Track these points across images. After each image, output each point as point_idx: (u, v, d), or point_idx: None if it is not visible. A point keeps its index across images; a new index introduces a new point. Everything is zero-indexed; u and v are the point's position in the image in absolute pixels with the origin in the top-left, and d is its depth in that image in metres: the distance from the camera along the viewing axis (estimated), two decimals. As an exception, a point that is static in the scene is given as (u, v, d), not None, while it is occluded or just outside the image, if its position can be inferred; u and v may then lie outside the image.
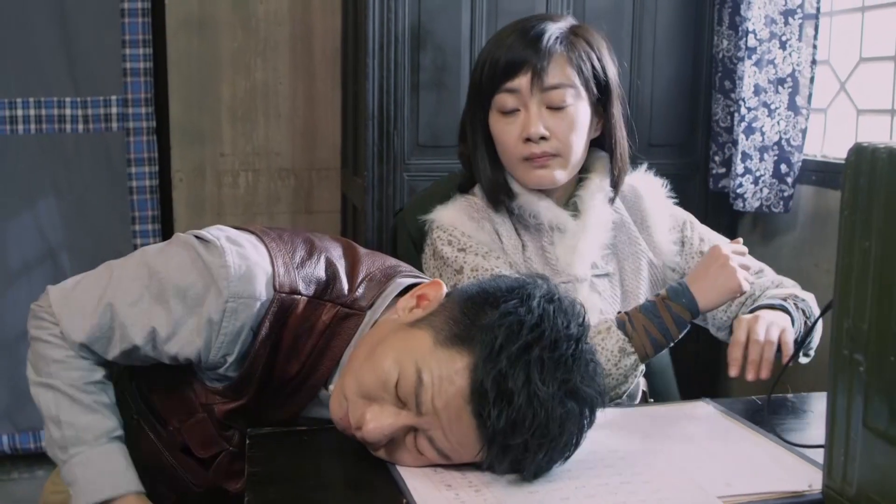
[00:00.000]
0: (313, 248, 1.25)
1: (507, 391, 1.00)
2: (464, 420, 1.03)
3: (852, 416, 0.95)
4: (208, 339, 1.17)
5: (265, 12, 3.09)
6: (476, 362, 1.02)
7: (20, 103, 2.99)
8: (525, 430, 1.01)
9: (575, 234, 1.57)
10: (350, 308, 1.22)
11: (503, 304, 1.05)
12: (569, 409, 1.03)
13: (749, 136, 2.49)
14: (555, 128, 1.52)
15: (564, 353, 1.03)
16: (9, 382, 3.05)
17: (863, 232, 0.93)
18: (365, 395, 1.09)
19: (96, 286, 1.24)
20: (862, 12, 2.38)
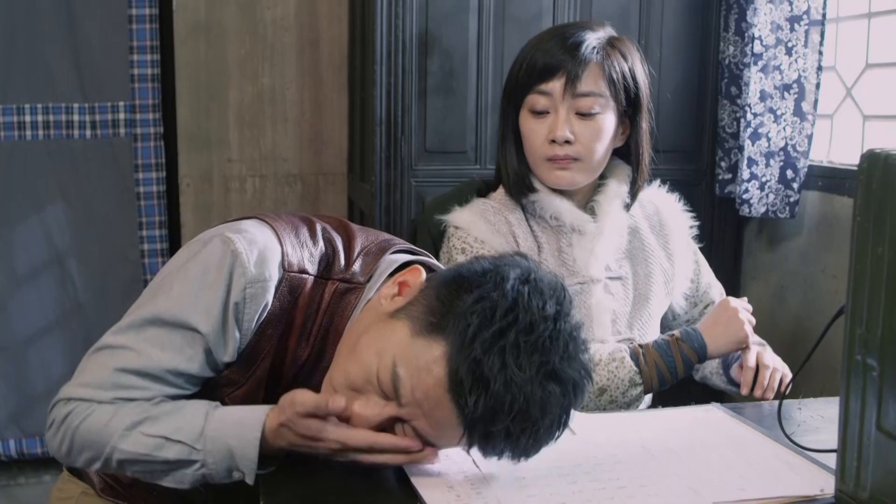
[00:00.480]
0: (313, 226, 1.26)
1: (482, 378, 1.01)
2: (444, 408, 1.04)
3: (865, 420, 0.96)
4: (236, 325, 1.17)
5: (273, 18, 3.11)
6: (451, 351, 1.03)
7: (28, 109, 3.01)
8: (505, 415, 1.01)
9: (593, 236, 1.62)
10: (349, 283, 1.23)
11: (476, 290, 1.05)
12: (549, 391, 1.03)
13: (755, 142, 2.49)
14: (580, 133, 1.57)
15: (541, 335, 1.03)
16: (16, 387, 3.06)
17: (876, 238, 0.94)
18: (351, 387, 1.10)
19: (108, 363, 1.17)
20: (868, 18, 2.39)
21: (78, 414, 1.15)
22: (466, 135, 2.60)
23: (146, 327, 1.17)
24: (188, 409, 1.15)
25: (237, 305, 1.16)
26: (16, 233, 3.04)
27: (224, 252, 1.16)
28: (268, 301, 1.18)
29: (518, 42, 2.58)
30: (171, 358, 1.16)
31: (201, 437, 1.12)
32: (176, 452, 1.12)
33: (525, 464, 1.14)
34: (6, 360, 3.06)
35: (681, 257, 1.73)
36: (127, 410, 1.14)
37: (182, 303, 1.17)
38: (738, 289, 2.85)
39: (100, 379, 1.16)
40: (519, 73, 1.61)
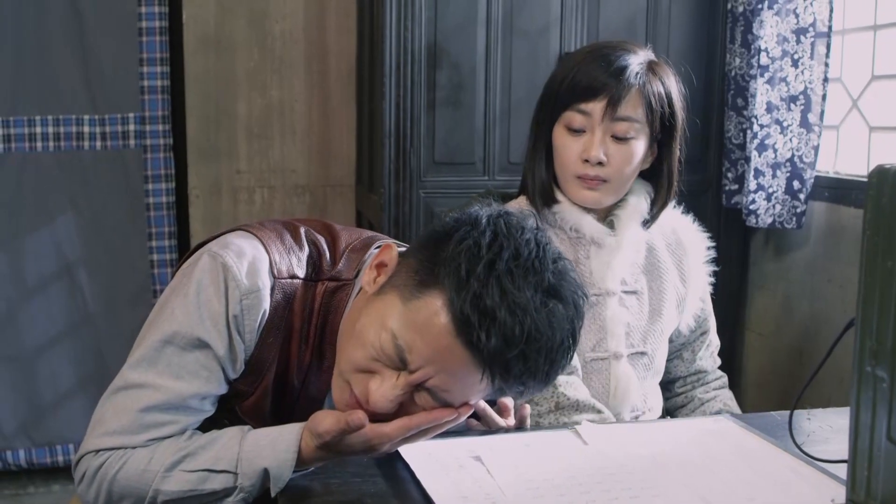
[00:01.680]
0: (297, 230, 1.27)
1: (488, 310, 1.02)
2: (457, 355, 1.05)
3: (876, 431, 0.97)
4: (239, 337, 1.18)
5: (281, 31, 3.13)
6: (449, 296, 1.04)
7: (39, 121, 3.03)
8: (518, 340, 1.03)
9: (611, 250, 1.64)
10: (338, 280, 1.24)
11: (455, 235, 1.07)
12: (552, 307, 1.05)
13: (762, 153, 2.51)
14: (613, 156, 1.59)
15: (529, 257, 1.05)
16: (25, 397, 3.07)
17: (885, 252, 0.95)
18: (362, 370, 1.12)
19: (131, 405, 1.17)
20: (874, 30, 2.41)
21: (112, 464, 1.15)
22: (475, 146, 2.63)
23: (157, 358, 1.17)
24: (223, 438, 1.16)
25: (236, 318, 1.17)
26: (26, 243, 3.06)
27: (214, 267, 1.17)
28: (265, 310, 1.19)
29: (526, 54, 2.62)
30: (190, 384, 1.17)
31: (238, 461, 1.13)
32: (221, 482, 1.14)
33: (538, 474, 1.16)
34: (16, 370, 3.07)
35: (695, 278, 1.74)
36: (162, 451, 1.15)
37: (187, 322, 1.17)
38: (744, 299, 2.87)
39: (126, 424, 1.15)
40: (560, 89, 1.61)
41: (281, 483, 1.14)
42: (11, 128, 3.01)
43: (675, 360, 1.78)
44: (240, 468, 1.13)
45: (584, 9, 2.62)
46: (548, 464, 1.21)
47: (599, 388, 1.63)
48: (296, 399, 1.26)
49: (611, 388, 1.63)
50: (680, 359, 1.78)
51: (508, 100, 2.62)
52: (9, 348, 3.06)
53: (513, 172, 2.51)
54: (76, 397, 3.10)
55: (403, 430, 1.11)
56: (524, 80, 2.60)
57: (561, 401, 1.54)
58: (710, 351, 1.80)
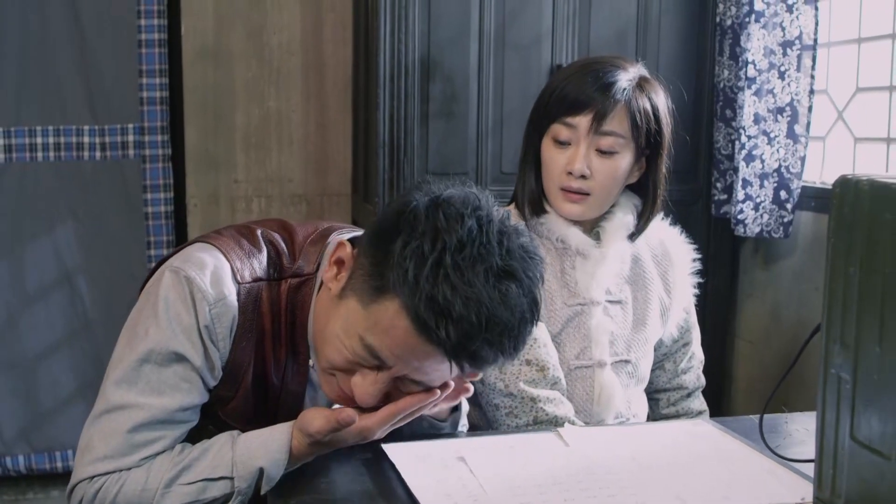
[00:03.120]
0: (253, 233, 1.29)
1: (443, 309, 1.05)
2: (424, 351, 1.09)
3: (840, 431, 1.01)
4: (213, 346, 1.21)
5: (278, 43, 3.18)
6: (404, 301, 1.07)
7: (40, 131, 3.07)
8: (478, 330, 1.06)
9: (595, 261, 1.66)
10: (300, 276, 1.27)
11: (398, 237, 1.09)
12: (504, 290, 1.08)
13: (749, 164, 2.56)
14: (597, 170, 1.61)
15: (473, 245, 1.07)
16: (25, 403, 3.11)
17: (847, 258, 1.00)
18: (342, 369, 1.17)
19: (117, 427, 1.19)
20: (858, 44, 2.46)
21: (109, 488, 1.16)
22: (467, 157, 2.67)
23: (137, 378, 1.19)
24: (215, 446, 1.19)
25: (208, 328, 1.20)
26: (27, 251, 3.10)
27: (178, 282, 1.20)
28: (234, 316, 1.21)
29: (518, 67, 2.67)
30: (173, 398, 1.20)
31: (233, 466, 1.17)
32: (220, 489, 1.17)
33: (519, 474, 1.20)
34: (16, 376, 3.11)
35: (680, 289, 1.77)
36: (158, 468, 1.18)
37: (161, 338, 1.19)
38: (734, 307, 2.91)
39: (116, 447, 1.17)
40: (548, 102, 1.64)
41: (272, 482, 1.18)
42: (13, 138, 3.06)
43: (658, 370, 1.80)
44: (235, 472, 1.17)
45: (574, 22, 2.67)
46: (530, 464, 1.25)
47: (583, 395, 1.66)
48: (278, 396, 1.29)
49: (594, 395, 1.66)
50: (662, 369, 1.80)
51: (500, 111, 2.66)
52: (9, 355, 3.10)
53: (505, 182, 2.55)
54: (76, 404, 3.13)
55: (390, 416, 1.17)
56: (516, 91, 2.65)
57: (539, 416, 1.57)
58: (693, 365, 1.82)
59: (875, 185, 0.96)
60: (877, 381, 0.95)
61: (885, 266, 0.94)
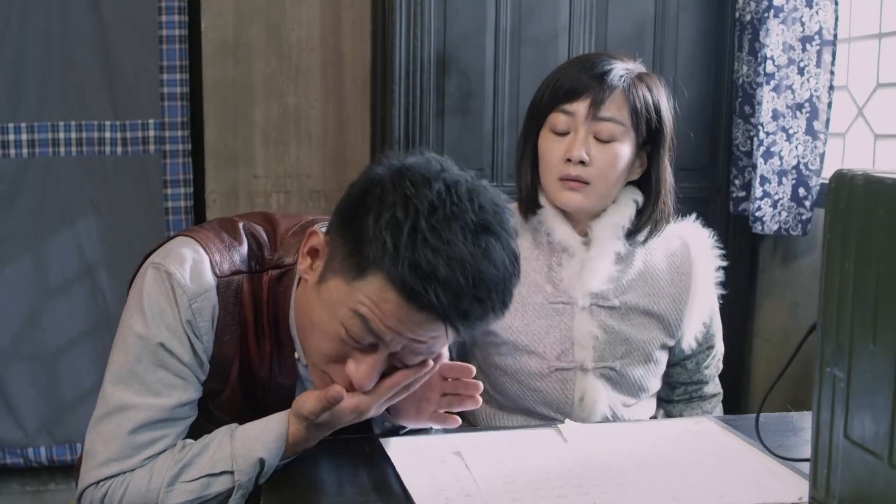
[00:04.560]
0: (234, 226, 1.29)
1: (428, 274, 1.05)
2: (417, 318, 1.08)
3: (835, 430, 1.00)
4: (197, 339, 1.22)
5: (298, 39, 3.19)
6: (387, 273, 1.06)
7: (62, 126, 3.11)
8: (467, 289, 1.06)
9: (581, 260, 1.62)
10: (280, 267, 1.27)
11: (370, 212, 1.08)
12: (485, 245, 1.08)
13: (767, 161, 2.53)
14: (596, 157, 1.58)
15: (445, 206, 1.07)
16: (47, 396, 3.15)
17: (843, 254, 0.98)
18: (335, 359, 1.15)
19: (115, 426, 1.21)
20: (879, 39, 2.42)
21: (115, 491, 1.18)
22: (483, 153, 2.66)
23: (132, 379, 1.20)
24: (214, 442, 1.20)
25: (190, 322, 1.20)
26: (49, 245, 3.14)
27: (159, 278, 1.20)
28: (215, 308, 1.22)
29: (534, 63, 2.65)
30: (170, 396, 1.21)
31: (233, 459, 1.18)
32: (222, 483, 1.17)
33: (515, 470, 1.20)
34: (38, 369, 3.15)
35: (701, 301, 1.70)
36: (160, 468, 1.18)
37: (150, 336, 1.20)
38: (753, 306, 2.88)
39: (118, 450, 1.19)
40: (545, 94, 1.64)
41: (270, 471, 1.19)
42: (36, 133, 3.09)
43: (678, 367, 1.76)
44: (235, 466, 1.17)
45: (591, 17, 2.66)
46: (526, 460, 1.24)
47: (562, 397, 1.62)
48: (267, 389, 1.29)
49: (574, 398, 1.62)
50: (683, 367, 1.76)
51: (517, 107, 2.65)
52: (32, 348, 3.14)
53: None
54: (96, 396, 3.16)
55: (385, 391, 1.16)
56: (532, 87, 2.59)
57: None
58: (716, 360, 1.79)
59: (870, 179, 0.95)
60: (870, 381, 0.94)
61: (878, 262, 0.93)
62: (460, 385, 1.28)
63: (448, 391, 1.29)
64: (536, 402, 1.64)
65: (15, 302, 3.12)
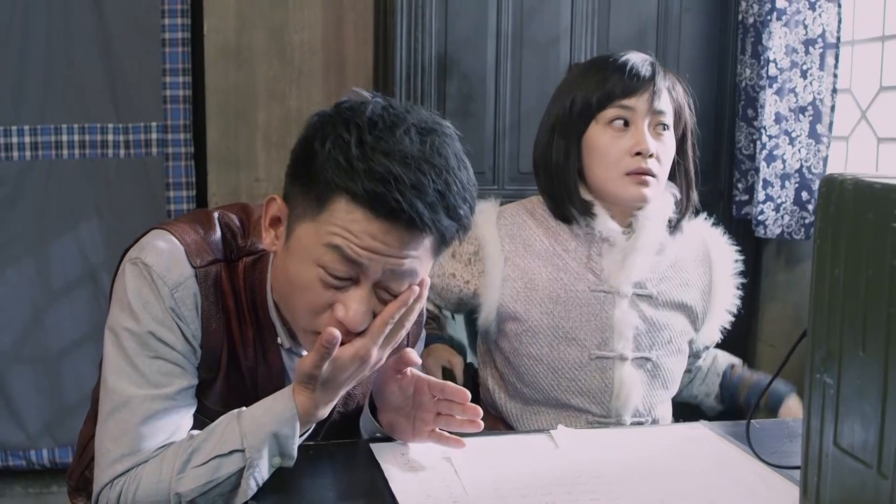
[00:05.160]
0: (209, 217, 1.28)
1: (385, 176, 1.06)
2: (390, 231, 1.08)
3: (824, 437, 0.99)
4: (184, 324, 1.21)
5: (300, 42, 3.19)
6: (348, 189, 1.07)
7: (65, 129, 3.11)
8: (428, 182, 1.07)
9: (623, 249, 1.63)
10: (254, 253, 1.26)
11: (315, 143, 1.10)
12: (428, 140, 1.10)
13: (770, 164, 2.51)
14: (658, 149, 1.60)
15: (384, 118, 1.10)
16: (49, 398, 3.15)
17: (833, 260, 0.97)
18: (320, 310, 1.14)
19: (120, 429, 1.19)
20: (882, 42, 2.40)
21: (128, 488, 1.17)
22: (485, 156, 2.66)
23: (132, 373, 1.19)
24: (220, 425, 1.19)
25: (174, 310, 1.20)
26: (52, 248, 3.14)
27: (138, 271, 1.20)
28: (196, 294, 1.21)
29: (536, 65, 2.64)
30: (171, 384, 1.20)
31: (242, 437, 1.16)
32: (233, 463, 1.15)
33: (504, 476, 1.19)
34: (41, 371, 3.15)
35: (722, 292, 1.73)
36: (169, 458, 1.17)
37: (141, 328, 1.19)
38: (756, 310, 2.86)
39: (129, 445, 1.18)
40: (596, 92, 1.60)
41: (291, 446, 1.16)
42: (39, 136, 3.10)
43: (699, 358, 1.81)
44: (246, 443, 1.15)
45: (594, 20, 2.65)
46: (516, 466, 1.23)
47: (602, 387, 1.62)
48: (255, 378, 1.28)
49: (614, 389, 1.62)
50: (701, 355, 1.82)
51: (518, 110, 2.65)
52: (34, 350, 3.14)
53: (523, 182, 2.54)
54: (98, 399, 3.17)
55: (380, 328, 1.14)
56: (534, 90, 2.63)
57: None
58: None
59: (859, 184, 0.93)
60: (859, 388, 0.93)
61: (868, 268, 0.91)
62: (455, 408, 1.27)
63: (443, 411, 1.28)
64: (572, 392, 1.63)
65: (17, 304, 3.12)
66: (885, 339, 0.89)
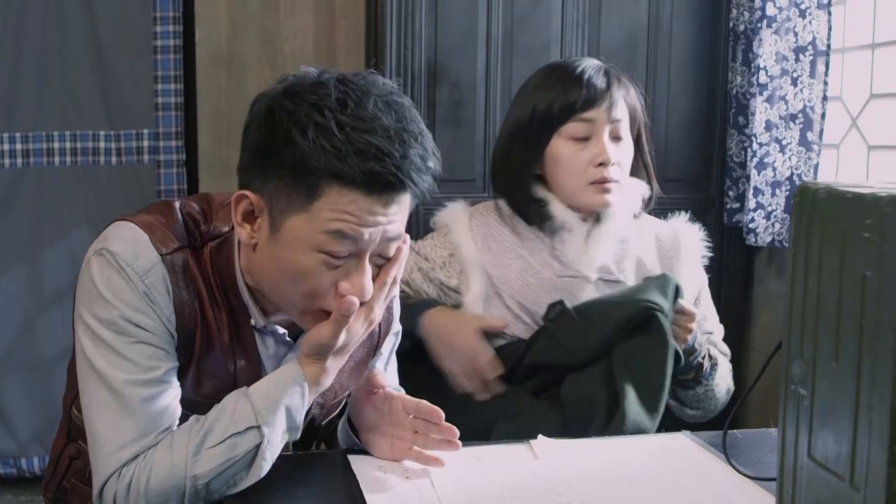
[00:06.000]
0: (170, 206, 1.27)
1: (379, 155, 1.10)
2: (383, 200, 1.12)
3: (799, 449, 0.98)
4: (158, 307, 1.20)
5: (291, 49, 3.19)
6: (340, 174, 1.10)
7: (57, 136, 3.11)
8: (412, 150, 1.12)
9: (582, 235, 1.67)
10: (217, 237, 1.26)
11: (294, 135, 1.10)
12: (398, 108, 1.13)
13: (761, 172, 2.50)
14: (618, 156, 1.64)
15: (348, 95, 1.12)
16: (40, 406, 3.14)
17: (807, 270, 0.96)
18: (323, 293, 1.16)
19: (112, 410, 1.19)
20: (872, 49, 2.40)
21: (139, 477, 1.15)
22: (475, 163, 2.65)
23: (118, 362, 1.17)
24: (229, 405, 1.18)
25: (147, 294, 1.18)
26: (43, 255, 3.14)
27: (104, 261, 1.19)
28: (166, 281, 1.20)
29: (527, 72, 2.61)
30: (158, 367, 1.18)
31: (256, 413, 1.16)
32: (249, 440, 1.16)
33: (480, 487, 1.18)
34: (32, 379, 3.14)
35: (686, 276, 1.74)
36: (179, 443, 1.16)
37: (117, 316, 1.18)
38: (748, 318, 2.85)
39: (134, 427, 1.16)
40: (553, 106, 1.63)
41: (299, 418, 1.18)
42: (31, 143, 3.10)
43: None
44: (261, 419, 1.16)
45: (584, 26, 2.64)
46: (494, 477, 1.22)
47: None
48: (232, 360, 1.27)
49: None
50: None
51: (508, 117, 2.63)
52: (25, 358, 3.14)
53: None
54: (90, 407, 3.15)
55: (381, 289, 1.19)
56: (524, 97, 2.62)
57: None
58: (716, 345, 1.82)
59: (832, 193, 0.92)
60: (832, 400, 0.92)
61: (840, 278, 0.90)
62: (432, 427, 1.27)
63: (420, 430, 1.27)
64: None
65: (9, 311, 3.12)
66: (856, 351, 0.88)
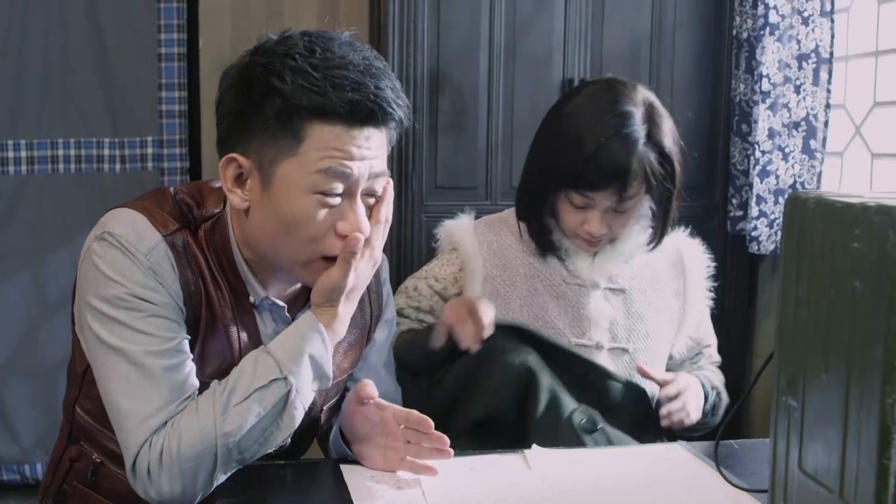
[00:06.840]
0: (164, 192, 1.29)
1: (356, 86, 1.15)
2: (366, 132, 1.17)
3: (790, 461, 0.97)
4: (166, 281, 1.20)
5: (295, 57, 3.19)
6: (323, 111, 1.14)
7: (61, 143, 3.12)
8: (380, 76, 1.17)
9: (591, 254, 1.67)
10: (210, 218, 1.27)
11: (273, 84, 1.15)
12: (360, 49, 1.19)
13: (763, 180, 2.49)
14: (615, 224, 1.61)
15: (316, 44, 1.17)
16: (43, 411, 3.14)
17: (797, 280, 0.95)
18: (322, 236, 1.19)
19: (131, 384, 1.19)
20: (875, 57, 2.38)
21: (170, 444, 1.15)
22: (476, 171, 2.64)
23: (132, 337, 1.18)
24: (249, 362, 1.19)
25: (153, 269, 1.19)
26: (47, 262, 3.14)
27: (107, 244, 1.19)
28: (170, 258, 1.20)
29: (529, 80, 2.63)
30: (174, 337, 1.19)
31: (279, 365, 1.17)
32: (276, 392, 1.16)
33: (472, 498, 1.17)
34: (35, 385, 3.15)
35: (694, 295, 1.74)
36: (203, 407, 1.16)
37: (125, 293, 1.18)
38: (751, 326, 2.84)
39: (159, 398, 1.17)
40: (556, 167, 1.57)
41: (326, 366, 1.21)
42: (35, 150, 3.11)
43: (677, 369, 1.76)
44: (285, 369, 1.17)
45: (587, 35, 2.64)
46: (485, 487, 1.21)
47: None
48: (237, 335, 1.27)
49: None
50: (682, 368, 1.77)
51: (511, 125, 2.63)
52: (29, 364, 3.14)
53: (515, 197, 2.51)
54: (93, 413, 3.16)
55: (379, 228, 1.23)
56: (527, 105, 2.62)
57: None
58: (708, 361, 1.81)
59: (822, 203, 0.92)
60: (822, 412, 0.91)
61: (830, 289, 0.90)
62: (423, 437, 1.26)
63: (412, 440, 1.27)
64: None
65: (13, 318, 3.12)
66: (846, 362, 0.87)
